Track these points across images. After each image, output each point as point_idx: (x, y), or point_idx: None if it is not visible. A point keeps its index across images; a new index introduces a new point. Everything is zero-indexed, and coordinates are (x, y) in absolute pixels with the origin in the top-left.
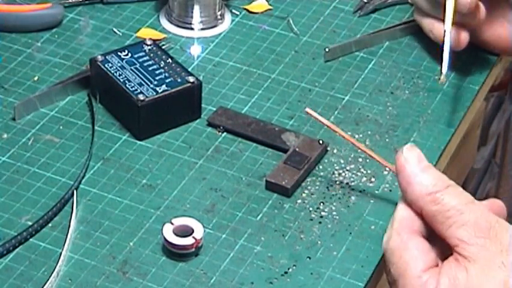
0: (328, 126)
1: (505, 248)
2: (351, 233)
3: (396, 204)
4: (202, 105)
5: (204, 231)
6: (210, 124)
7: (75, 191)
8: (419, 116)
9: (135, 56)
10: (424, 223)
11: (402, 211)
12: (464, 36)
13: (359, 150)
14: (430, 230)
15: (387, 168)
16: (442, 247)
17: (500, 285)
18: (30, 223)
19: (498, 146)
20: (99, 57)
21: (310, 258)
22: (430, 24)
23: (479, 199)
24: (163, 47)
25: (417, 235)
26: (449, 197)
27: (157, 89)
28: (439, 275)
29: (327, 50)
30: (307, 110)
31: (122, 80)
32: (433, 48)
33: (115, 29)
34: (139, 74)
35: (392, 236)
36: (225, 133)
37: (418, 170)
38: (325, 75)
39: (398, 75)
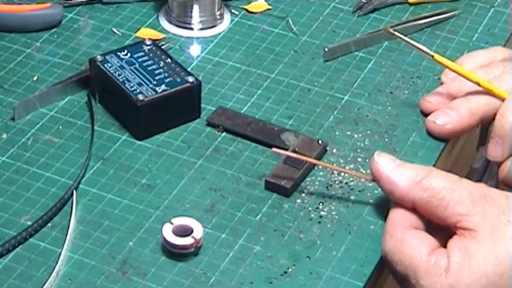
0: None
1: (505, 208)
2: (350, 233)
3: None
4: (202, 105)
5: (204, 231)
6: (209, 124)
7: (74, 191)
8: (418, 115)
9: (135, 56)
10: (417, 216)
11: (392, 213)
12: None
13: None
14: (425, 222)
15: (369, 182)
16: (441, 236)
17: (511, 241)
18: (29, 223)
19: None
20: (99, 57)
21: (309, 258)
22: None
23: None
24: (162, 47)
25: (411, 229)
26: (436, 180)
27: (157, 88)
28: (448, 250)
29: (326, 49)
30: (274, 149)
31: (121, 80)
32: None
33: (114, 29)
34: (139, 74)
35: (386, 239)
36: (224, 133)
37: (395, 168)
38: (324, 75)
39: (398, 75)
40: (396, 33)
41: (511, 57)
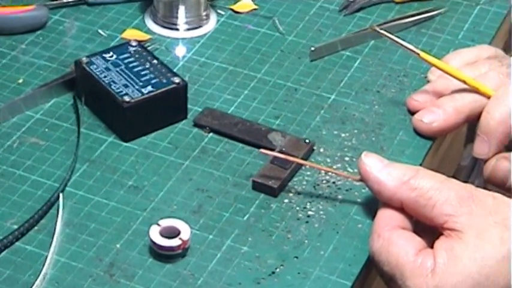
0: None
1: (492, 209)
2: (338, 232)
3: None
4: (188, 106)
5: (191, 232)
6: (196, 125)
7: (61, 194)
8: (405, 114)
9: (120, 57)
10: (405, 216)
11: (380, 213)
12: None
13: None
14: (413, 222)
15: (357, 181)
16: (429, 236)
17: (499, 242)
18: (15, 226)
19: None
20: (84, 59)
21: (297, 257)
22: None
23: None
24: (148, 48)
25: (398, 229)
26: (424, 180)
27: (143, 90)
28: (434, 251)
29: (312, 49)
30: (261, 150)
31: (107, 82)
32: (418, 46)
33: (100, 31)
34: (125, 76)
35: (374, 239)
36: (211, 133)
37: (383, 168)
38: (311, 74)
39: (384, 74)
40: (382, 31)
41: (496, 55)
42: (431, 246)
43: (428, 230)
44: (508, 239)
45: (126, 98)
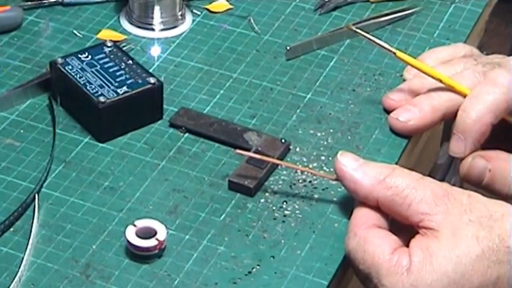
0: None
1: (467, 207)
2: (314, 232)
3: None
4: (164, 106)
5: (167, 232)
6: (172, 125)
7: (36, 195)
8: (381, 113)
9: (96, 57)
10: (381, 215)
11: (356, 212)
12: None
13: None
14: (389, 221)
15: (333, 181)
16: (404, 234)
17: (473, 241)
18: None
19: None
20: (60, 60)
21: (273, 257)
22: None
23: None
24: (123, 48)
25: (374, 228)
26: (400, 179)
27: (118, 90)
28: (410, 250)
29: (288, 48)
30: (237, 151)
31: (82, 82)
32: (394, 45)
33: (75, 31)
34: (100, 76)
35: (350, 238)
36: (187, 134)
37: (358, 166)
38: (286, 73)
39: (360, 73)
40: (358, 30)
41: (472, 54)
42: (407, 245)
43: (404, 229)
44: (483, 238)
45: (102, 99)
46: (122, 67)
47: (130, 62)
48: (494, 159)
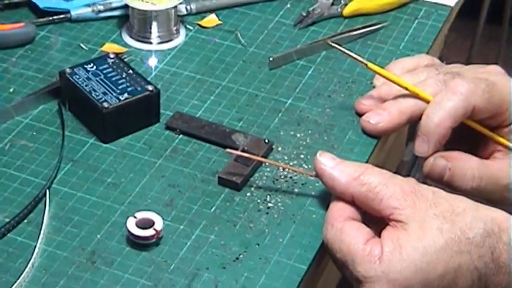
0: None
1: (432, 202)
2: (294, 222)
3: None
4: (161, 111)
5: (164, 223)
6: (168, 127)
7: (47, 190)
8: (353, 116)
9: (100, 68)
10: (355, 209)
11: (333, 205)
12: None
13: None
14: (362, 214)
15: (312, 177)
16: (376, 226)
17: (438, 233)
18: (7, 220)
19: None
20: (68, 70)
21: (258, 245)
22: None
23: None
24: (125, 60)
25: (350, 220)
26: (372, 176)
27: (120, 97)
28: (382, 240)
29: (271, 59)
30: (227, 150)
31: (88, 90)
32: (365, 56)
33: (82, 44)
34: (104, 84)
35: (327, 229)
36: (181, 135)
37: (335, 165)
38: (269, 81)
39: (335, 81)
40: (334, 44)
41: (434, 63)
42: (379, 235)
43: (376, 221)
44: (447, 230)
45: (105, 104)
46: (123, 76)
47: (130, 71)
48: (454, 159)
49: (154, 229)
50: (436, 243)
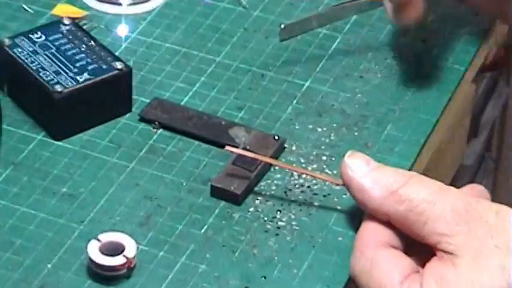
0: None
1: (494, 228)
2: (314, 247)
3: None
4: (133, 97)
5: (138, 248)
6: (142, 119)
7: None
8: (394, 103)
9: (50, 38)
10: (393, 232)
11: (364, 226)
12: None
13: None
14: (403, 239)
15: (337, 186)
16: (421, 256)
17: (497, 272)
18: None
19: (493, 137)
20: (7, 41)
21: (265, 277)
22: None
23: None
24: (84, 27)
25: (384, 247)
26: (415, 190)
27: (78, 78)
28: (423, 279)
29: (282, 26)
30: (227, 147)
31: (34, 68)
32: None
33: (25, 6)
34: (56, 61)
35: (356, 257)
36: (161, 130)
37: (368, 173)
38: (280, 57)
39: (369, 56)
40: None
41: None
42: (423, 266)
43: (420, 247)
44: (510, 268)
45: (58, 88)
46: (83, 50)
47: (92, 43)
48: None
49: (125, 256)
50: (495, 287)
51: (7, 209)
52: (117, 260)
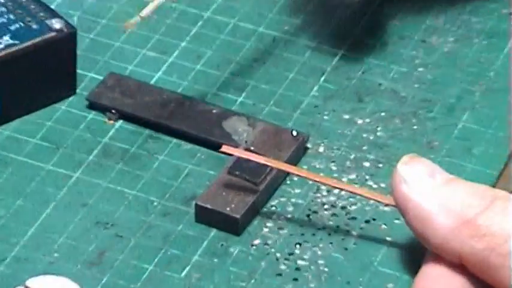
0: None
1: None
2: None
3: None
4: (79, 72)
5: None
6: (92, 105)
7: None
8: (473, 81)
9: None
10: (467, 280)
11: (424, 270)
12: None
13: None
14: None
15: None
16: None
17: None
18: None
19: None
20: None
21: None
22: None
23: None
24: None
25: None
26: (501, 219)
27: None
28: None
29: None
30: (224, 147)
31: None
32: None
33: None
34: None
35: None
36: (120, 121)
37: (433, 190)
38: (298, 13)
39: (435, 10)
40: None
41: None
42: None
43: None
44: None
45: None
46: (4, 3)
47: None
48: None
49: None
50: None
51: None
52: None
